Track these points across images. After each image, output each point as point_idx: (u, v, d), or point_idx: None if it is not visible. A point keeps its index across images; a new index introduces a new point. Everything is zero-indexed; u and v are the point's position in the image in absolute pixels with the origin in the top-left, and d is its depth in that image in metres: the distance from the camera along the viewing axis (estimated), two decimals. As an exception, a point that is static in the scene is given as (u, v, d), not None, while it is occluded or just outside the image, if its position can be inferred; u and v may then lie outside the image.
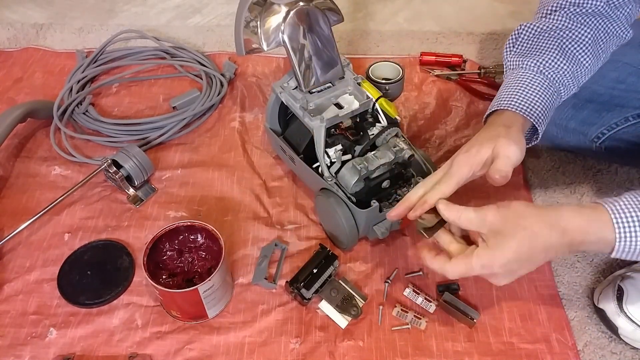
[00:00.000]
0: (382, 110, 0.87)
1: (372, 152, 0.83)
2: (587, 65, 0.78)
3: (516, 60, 0.79)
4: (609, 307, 0.77)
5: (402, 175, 0.86)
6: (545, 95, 0.75)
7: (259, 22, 0.84)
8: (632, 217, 0.60)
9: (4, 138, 0.96)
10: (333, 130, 0.86)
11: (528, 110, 0.73)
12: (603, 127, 0.90)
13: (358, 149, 0.85)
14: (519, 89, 0.75)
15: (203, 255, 0.84)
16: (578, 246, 0.63)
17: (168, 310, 0.81)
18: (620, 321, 0.76)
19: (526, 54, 0.79)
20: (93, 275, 0.85)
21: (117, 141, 1.03)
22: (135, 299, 0.83)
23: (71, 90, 1.10)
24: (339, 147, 0.84)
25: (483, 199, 0.92)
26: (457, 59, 1.18)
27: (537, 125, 0.73)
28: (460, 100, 1.12)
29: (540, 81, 0.75)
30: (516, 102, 0.73)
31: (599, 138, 0.91)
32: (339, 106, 0.87)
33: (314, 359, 0.76)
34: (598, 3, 0.77)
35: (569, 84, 0.77)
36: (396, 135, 0.85)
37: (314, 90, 0.87)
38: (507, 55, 0.82)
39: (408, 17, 1.35)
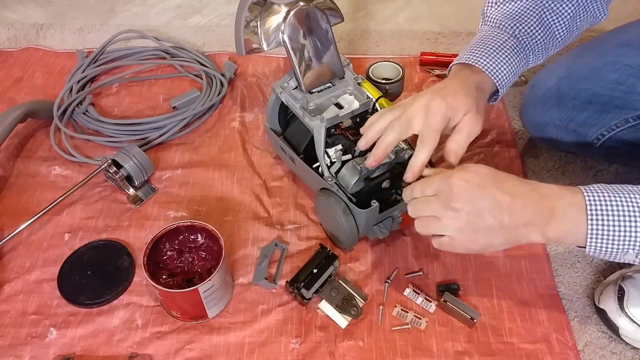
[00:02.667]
0: (382, 110, 0.87)
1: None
2: (559, 38, 0.80)
3: (495, 16, 0.81)
4: (610, 307, 0.77)
5: (402, 175, 0.86)
6: (514, 60, 0.78)
7: (259, 22, 0.84)
8: (601, 194, 0.60)
9: (4, 138, 0.96)
10: (333, 130, 0.86)
11: (496, 73, 0.76)
12: (603, 128, 0.90)
13: (358, 149, 0.85)
14: (492, 49, 0.77)
15: (203, 255, 0.84)
16: (551, 211, 0.61)
17: (168, 310, 0.80)
18: (621, 321, 0.76)
19: (506, 14, 0.81)
20: (93, 275, 0.85)
21: (117, 141, 1.03)
22: (135, 299, 0.83)
23: (71, 90, 1.10)
24: (339, 147, 0.84)
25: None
26: (457, 59, 1.18)
27: (500, 90, 0.77)
28: (461, 100, 1.12)
29: (513, 45, 0.78)
30: (487, 62, 0.76)
31: (599, 139, 0.91)
32: (339, 106, 0.87)
33: (314, 359, 0.76)
34: None
35: (539, 53, 0.80)
36: (396, 135, 0.85)
37: (314, 90, 0.87)
38: (488, 6, 0.84)
39: (408, 17, 1.35)
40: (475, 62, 0.76)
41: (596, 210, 0.59)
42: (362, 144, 0.75)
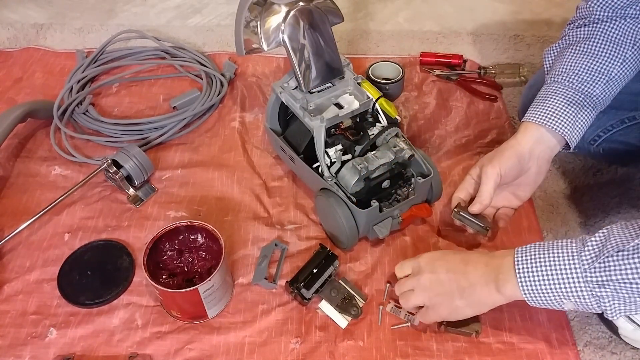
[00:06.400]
0: (382, 110, 0.87)
1: (372, 152, 0.83)
2: (627, 80, 0.81)
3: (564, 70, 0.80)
4: (609, 307, 0.77)
5: (402, 175, 0.86)
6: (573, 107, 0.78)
7: (259, 22, 0.84)
8: (528, 255, 0.67)
9: (4, 138, 0.96)
10: (333, 130, 0.86)
11: (553, 122, 0.77)
12: (599, 129, 0.90)
13: (358, 149, 0.85)
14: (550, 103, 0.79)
15: (203, 255, 0.84)
16: (498, 268, 0.69)
17: (168, 310, 0.80)
18: (620, 321, 0.76)
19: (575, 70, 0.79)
20: (93, 275, 0.85)
21: (117, 141, 1.03)
22: (135, 299, 0.83)
23: (71, 90, 1.10)
24: (339, 147, 0.84)
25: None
26: (457, 59, 1.18)
27: (566, 139, 0.77)
28: (460, 100, 1.12)
29: (575, 97, 0.78)
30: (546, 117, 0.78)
31: (595, 140, 0.92)
32: (339, 106, 0.87)
33: (314, 359, 0.76)
34: None
35: (605, 101, 0.81)
36: (396, 135, 0.85)
37: (314, 90, 0.88)
38: (549, 55, 0.86)
39: (408, 17, 1.35)
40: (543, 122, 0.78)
41: (524, 270, 0.66)
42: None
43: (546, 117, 0.77)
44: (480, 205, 0.78)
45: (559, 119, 0.76)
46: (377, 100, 0.87)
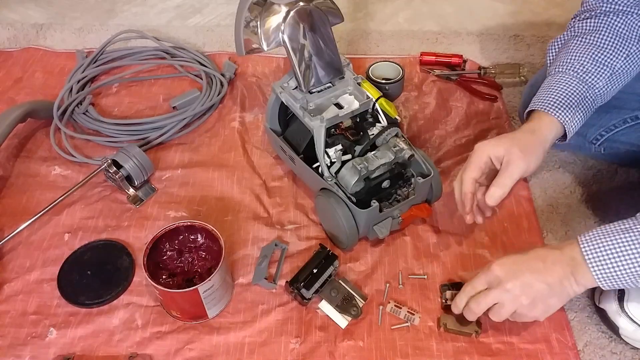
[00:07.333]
0: (382, 110, 0.87)
1: (372, 152, 0.83)
2: (630, 76, 0.81)
3: (568, 60, 0.81)
4: (610, 307, 0.77)
5: (402, 175, 0.86)
6: (578, 97, 0.78)
7: (259, 22, 0.84)
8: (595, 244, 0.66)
9: (4, 138, 0.96)
10: (333, 130, 0.86)
11: (566, 121, 0.77)
12: (601, 128, 0.90)
13: (358, 149, 0.85)
14: (554, 90, 0.78)
15: (203, 255, 0.84)
16: (573, 259, 0.67)
17: (168, 310, 0.80)
18: (621, 321, 0.76)
19: (579, 60, 0.80)
20: (93, 275, 0.85)
21: (117, 141, 1.03)
22: (135, 299, 0.83)
23: (71, 90, 1.10)
24: (339, 147, 0.84)
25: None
26: (457, 59, 1.18)
27: (565, 127, 0.77)
28: (460, 100, 1.12)
29: (579, 87, 0.78)
30: (548, 103, 0.77)
31: (597, 140, 0.92)
32: (339, 106, 0.87)
33: (314, 359, 0.76)
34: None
35: (606, 96, 0.80)
36: (396, 135, 0.85)
37: (314, 90, 0.88)
38: (553, 47, 0.86)
39: (408, 17, 1.36)
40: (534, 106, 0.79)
41: (596, 263, 0.66)
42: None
43: (559, 108, 0.76)
44: (497, 198, 0.75)
45: (564, 109, 0.76)
46: (377, 100, 0.87)
